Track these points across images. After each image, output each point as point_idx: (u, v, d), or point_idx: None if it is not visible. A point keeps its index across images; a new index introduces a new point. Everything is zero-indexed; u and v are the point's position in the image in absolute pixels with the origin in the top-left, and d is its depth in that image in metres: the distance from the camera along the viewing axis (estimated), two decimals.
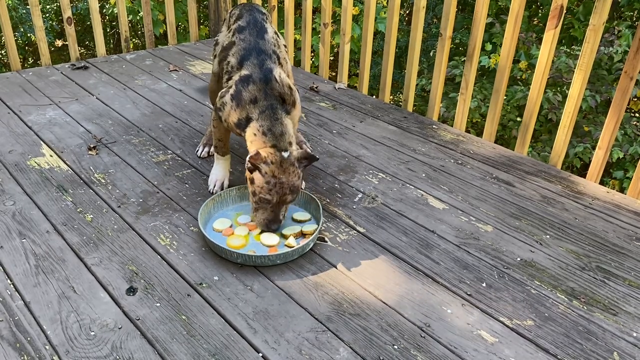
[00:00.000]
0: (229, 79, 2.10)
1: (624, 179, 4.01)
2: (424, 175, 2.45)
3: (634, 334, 1.64)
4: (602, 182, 2.93)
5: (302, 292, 1.75)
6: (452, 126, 2.94)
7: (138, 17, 4.93)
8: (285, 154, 1.89)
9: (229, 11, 2.37)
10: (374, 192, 2.30)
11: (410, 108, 3.15)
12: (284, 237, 1.96)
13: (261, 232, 1.98)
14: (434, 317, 1.68)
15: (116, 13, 4.15)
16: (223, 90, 2.09)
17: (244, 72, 2.03)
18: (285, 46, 2.36)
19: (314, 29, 4.68)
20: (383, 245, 1.99)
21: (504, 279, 1.84)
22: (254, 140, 1.94)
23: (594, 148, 3.94)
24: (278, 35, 2.24)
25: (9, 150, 2.52)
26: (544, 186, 2.39)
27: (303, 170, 1.95)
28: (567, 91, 3.77)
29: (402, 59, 5.48)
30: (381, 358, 1.54)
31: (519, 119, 4.45)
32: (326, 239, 2.01)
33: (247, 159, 1.85)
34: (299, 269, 1.85)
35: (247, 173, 1.92)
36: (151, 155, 2.52)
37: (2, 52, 5.86)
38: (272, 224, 1.94)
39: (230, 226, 2.01)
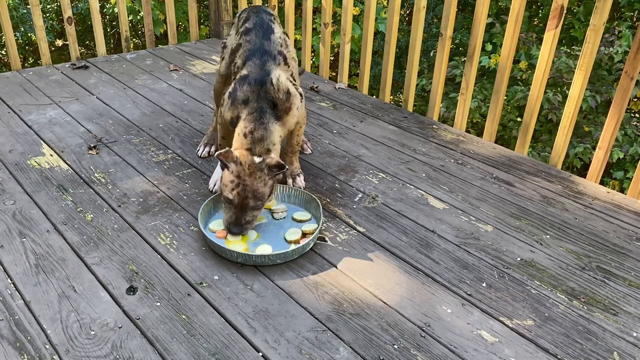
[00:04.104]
0: (234, 79, 2.11)
1: (624, 179, 4.01)
2: (424, 175, 2.45)
3: (634, 334, 1.64)
4: (602, 183, 2.93)
5: (302, 292, 1.75)
6: (452, 126, 2.95)
7: (138, 17, 4.93)
8: (258, 159, 1.88)
9: (237, 15, 2.38)
10: (374, 192, 2.30)
11: (410, 108, 3.15)
12: (288, 243, 1.96)
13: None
14: (434, 317, 1.68)
15: (116, 13, 4.15)
16: (227, 87, 2.11)
17: (244, 71, 2.04)
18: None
19: (314, 29, 4.68)
20: (383, 245, 1.99)
21: (504, 279, 1.84)
22: (235, 140, 1.96)
23: (594, 148, 3.94)
24: (287, 35, 2.25)
25: (9, 150, 2.52)
26: (544, 186, 2.39)
27: (274, 179, 1.91)
28: (567, 91, 3.77)
29: (403, 59, 5.49)
30: (381, 358, 1.54)
31: (519, 119, 4.45)
32: (326, 238, 2.01)
33: (216, 154, 1.86)
34: (299, 268, 1.85)
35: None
36: (151, 155, 2.53)
37: (3, 51, 5.86)
38: (232, 227, 1.90)
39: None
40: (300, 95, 2.09)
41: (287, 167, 1.97)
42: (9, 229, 1.99)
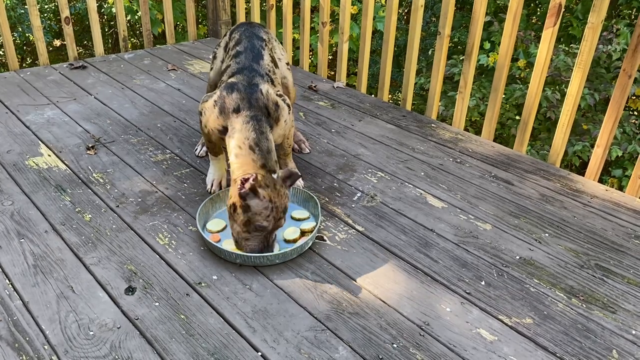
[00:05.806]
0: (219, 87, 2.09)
1: (622, 177, 4.01)
2: (422, 174, 2.45)
3: (633, 332, 1.64)
4: (600, 181, 2.93)
5: (301, 291, 1.75)
6: (450, 125, 2.94)
7: (136, 17, 4.92)
8: (275, 175, 1.82)
9: (230, 30, 2.36)
10: (373, 191, 2.30)
11: (409, 107, 3.15)
12: (286, 242, 1.96)
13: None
14: (433, 316, 1.68)
15: (114, 12, 4.15)
16: (207, 95, 2.08)
17: (232, 79, 2.01)
18: (288, 64, 2.36)
19: (312, 28, 4.68)
20: (382, 244, 1.99)
21: (503, 278, 1.84)
22: (239, 154, 1.85)
23: (592, 146, 3.93)
24: (275, 64, 2.21)
25: (7, 150, 2.52)
26: (543, 184, 2.39)
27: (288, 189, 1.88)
28: (565, 89, 3.77)
29: (401, 58, 5.48)
30: (380, 357, 1.53)
31: (517, 117, 4.45)
32: (325, 238, 2.00)
33: (243, 183, 1.74)
34: (298, 268, 1.85)
35: (238, 201, 1.77)
36: (150, 155, 2.52)
37: (0, 52, 5.85)
38: (265, 252, 1.82)
39: (224, 227, 2.01)
40: (288, 106, 2.07)
41: (299, 173, 1.90)
42: (7, 229, 1.99)
